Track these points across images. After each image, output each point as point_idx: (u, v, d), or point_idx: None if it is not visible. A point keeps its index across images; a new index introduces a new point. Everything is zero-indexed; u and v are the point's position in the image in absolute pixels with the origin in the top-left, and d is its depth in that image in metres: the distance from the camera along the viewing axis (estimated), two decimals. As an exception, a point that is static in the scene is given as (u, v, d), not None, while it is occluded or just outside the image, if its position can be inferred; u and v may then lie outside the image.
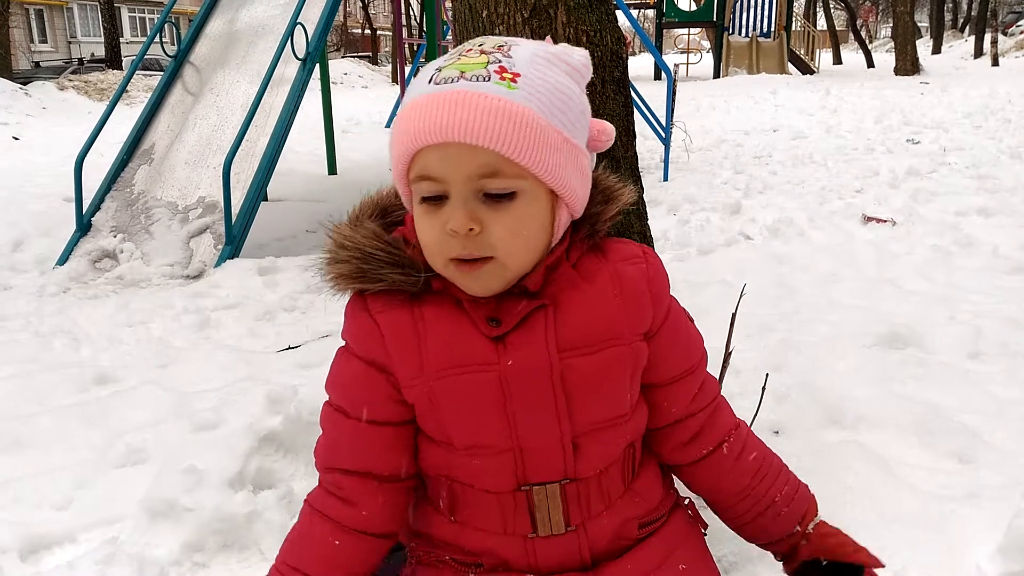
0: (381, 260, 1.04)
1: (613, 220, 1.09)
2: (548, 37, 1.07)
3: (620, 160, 2.11)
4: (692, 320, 1.22)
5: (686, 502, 1.24)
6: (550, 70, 0.98)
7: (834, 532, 1.18)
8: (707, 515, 1.25)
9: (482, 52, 0.97)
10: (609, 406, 1.08)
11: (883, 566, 1.15)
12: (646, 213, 2.32)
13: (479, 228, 0.95)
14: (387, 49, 40.69)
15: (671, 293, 1.16)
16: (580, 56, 1.02)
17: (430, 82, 0.96)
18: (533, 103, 0.94)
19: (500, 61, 0.96)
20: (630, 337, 1.08)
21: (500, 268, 0.98)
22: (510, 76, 0.95)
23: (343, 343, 1.12)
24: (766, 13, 23.99)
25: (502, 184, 0.95)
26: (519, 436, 1.05)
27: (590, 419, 1.06)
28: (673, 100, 7.29)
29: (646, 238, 2.27)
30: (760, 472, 1.19)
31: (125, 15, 38.66)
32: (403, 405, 1.08)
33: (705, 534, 1.23)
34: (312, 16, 5.43)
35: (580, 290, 1.05)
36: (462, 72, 0.95)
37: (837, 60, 32.15)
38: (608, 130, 1.07)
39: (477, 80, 0.94)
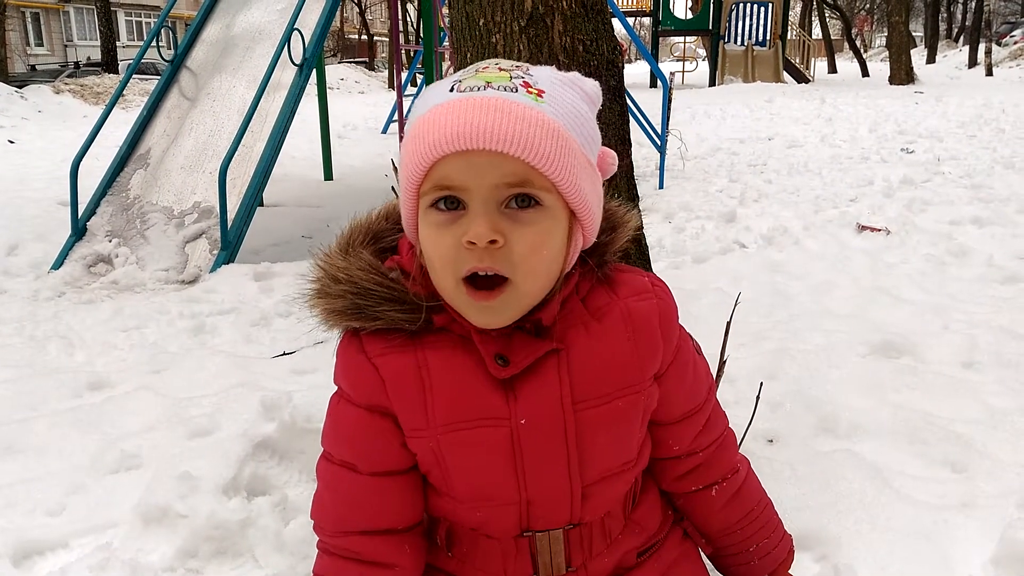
0: (379, 296, 0.97)
1: (621, 249, 1.06)
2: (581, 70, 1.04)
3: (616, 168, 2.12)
4: (700, 351, 1.18)
5: (683, 519, 1.23)
6: (568, 91, 0.95)
7: None
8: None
9: (500, 69, 0.94)
10: (619, 454, 1.05)
11: None
12: (642, 223, 2.33)
13: (502, 241, 0.88)
14: (384, 55, 40.75)
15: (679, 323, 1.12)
16: (592, 86, 0.99)
17: (452, 91, 0.91)
18: (559, 118, 0.91)
19: (523, 77, 0.93)
20: (643, 383, 1.04)
21: (515, 295, 0.91)
22: (535, 91, 0.91)
23: (336, 389, 1.05)
24: (762, 22, 24.10)
25: (527, 191, 0.89)
26: (528, 489, 1.01)
27: (601, 469, 1.03)
28: (669, 108, 7.31)
29: (641, 246, 2.28)
30: (746, 519, 1.20)
31: (121, 19, 38.63)
32: (409, 449, 1.03)
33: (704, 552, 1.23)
34: (309, 22, 5.44)
35: (591, 332, 1.00)
36: (488, 82, 0.91)
37: (832, 69, 32.32)
38: (612, 156, 1.03)
39: (505, 90, 0.89)
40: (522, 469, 0.99)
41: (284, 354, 3.14)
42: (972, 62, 29.03)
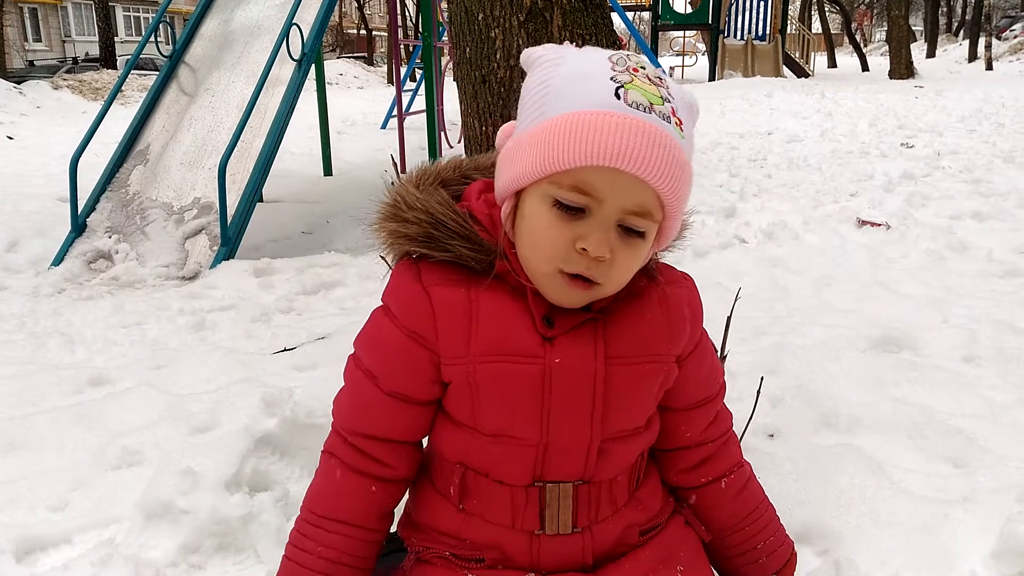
0: (452, 230, 1.03)
1: (662, 249, 1.13)
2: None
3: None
4: (716, 352, 1.27)
5: (683, 508, 1.26)
6: (690, 117, 1.00)
7: None
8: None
9: (649, 80, 0.96)
10: (636, 416, 1.12)
11: None
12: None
13: (609, 257, 0.96)
14: (383, 50, 40.68)
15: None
16: (695, 100, 1.03)
17: (617, 98, 0.93)
18: (689, 155, 0.97)
19: (670, 100, 0.96)
20: (667, 357, 1.12)
21: (600, 292, 1.00)
22: (677, 121, 0.96)
23: (382, 304, 1.10)
24: (761, 16, 24.03)
25: (644, 224, 0.97)
26: (549, 433, 1.05)
27: (619, 426, 1.09)
28: (669, 103, 7.28)
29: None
30: (753, 515, 1.25)
31: (120, 14, 38.55)
32: (435, 385, 1.08)
33: (706, 543, 1.25)
34: (308, 17, 5.43)
35: (630, 306, 1.09)
36: (651, 103, 0.94)
37: (832, 63, 32.31)
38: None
39: (663, 119, 0.94)
40: (548, 409, 1.04)
41: (285, 350, 3.14)
42: (972, 56, 29.00)
